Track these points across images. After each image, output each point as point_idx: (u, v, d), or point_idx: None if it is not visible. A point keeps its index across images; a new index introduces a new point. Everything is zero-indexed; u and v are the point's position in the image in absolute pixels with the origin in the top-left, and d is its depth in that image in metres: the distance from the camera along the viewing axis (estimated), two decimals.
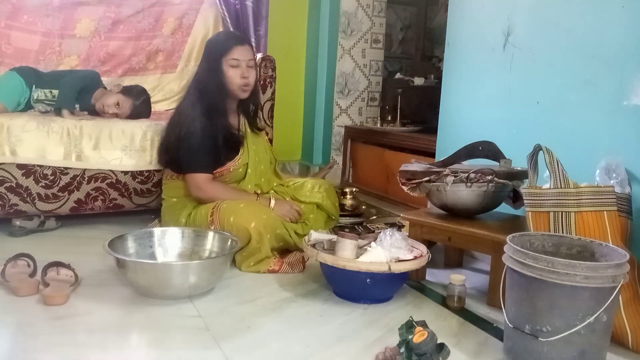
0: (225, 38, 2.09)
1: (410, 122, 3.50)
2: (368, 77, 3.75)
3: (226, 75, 1.99)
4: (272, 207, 2.00)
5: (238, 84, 2.00)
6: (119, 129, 2.22)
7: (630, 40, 1.56)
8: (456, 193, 1.73)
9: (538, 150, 1.48)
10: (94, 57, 2.78)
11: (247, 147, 2.10)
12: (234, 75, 1.99)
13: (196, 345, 1.31)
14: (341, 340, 1.37)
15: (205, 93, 2.01)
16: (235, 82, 2.00)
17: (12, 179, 2.09)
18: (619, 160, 1.52)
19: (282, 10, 3.55)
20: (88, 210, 2.25)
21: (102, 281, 1.68)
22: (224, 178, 2.05)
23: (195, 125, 1.95)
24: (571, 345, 1.18)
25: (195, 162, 1.99)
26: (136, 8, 2.84)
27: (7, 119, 2.07)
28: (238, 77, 2.00)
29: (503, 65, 2.01)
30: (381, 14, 3.72)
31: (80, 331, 1.34)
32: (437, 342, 1.18)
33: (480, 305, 1.64)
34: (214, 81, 2.00)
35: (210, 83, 2.00)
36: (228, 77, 1.99)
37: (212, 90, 2.00)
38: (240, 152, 2.07)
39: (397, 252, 1.61)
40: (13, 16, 2.62)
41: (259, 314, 1.51)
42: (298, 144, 4.00)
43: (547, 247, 1.36)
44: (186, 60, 2.96)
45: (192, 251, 1.80)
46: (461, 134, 2.17)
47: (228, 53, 1.99)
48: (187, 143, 1.97)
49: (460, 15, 2.25)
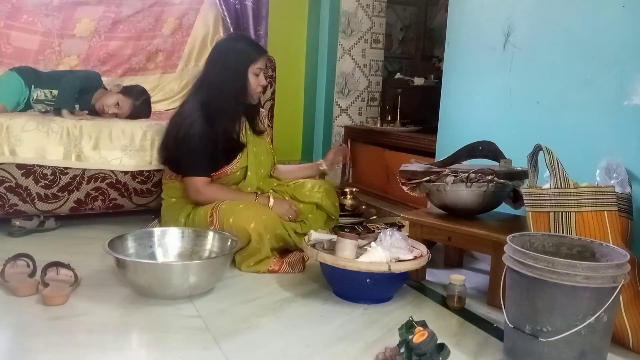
0: (251, 47, 2.07)
1: (410, 122, 3.50)
2: (368, 77, 3.75)
3: (250, 83, 2.03)
4: (271, 205, 2.00)
5: (258, 92, 2.08)
6: (119, 129, 2.22)
7: (630, 40, 1.56)
8: (456, 193, 1.73)
9: (538, 150, 1.48)
10: (93, 57, 2.77)
11: (247, 150, 2.10)
12: (255, 84, 2.04)
13: (196, 345, 1.30)
14: (341, 340, 1.37)
15: (222, 98, 1.99)
16: (256, 90, 2.07)
17: (11, 179, 2.09)
18: (619, 160, 1.52)
19: (282, 10, 3.55)
20: (88, 210, 2.25)
21: (102, 281, 1.68)
22: (222, 180, 2.05)
23: (200, 128, 1.94)
24: (572, 345, 1.18)
25: (194, 166, 1.99)
26: (136, 8, 2.84)
27: (7, 119, 2.07)
28: (258, 85, 2.06)
29: (503, 65, 2.01)
30: (381, 14, 3.71)
31: (80, 331, 1.34)
32: (437, 342, 1.18)
33: (480, 305, 1.64)
34: (237, 88, 2.01)
35: (232, 89, 2.00)
36: (251, 85, 2.03)
37: (232, 96, 2.01)
38: (238, 156, 2.07)
39: (397, 252, 1.61)
40: (13, 16, 2.61)
41: (259, 314, 1.51)
42: (298, 144, 4.00)
43: (548, 247, 1.36)
44: (186, 60, 2.96)
45: (192, 251, 1.80)
46: (461, 134, 2.17)
47: (255, 62, 2.02)
48: (189, 145, 1.96)
49: (460, 15, 2.25)
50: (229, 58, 2.02)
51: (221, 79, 2.00)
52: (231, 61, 2.01)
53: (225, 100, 1.99)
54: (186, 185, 2.00)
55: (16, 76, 2.31)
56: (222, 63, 2.02)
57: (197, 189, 1.97)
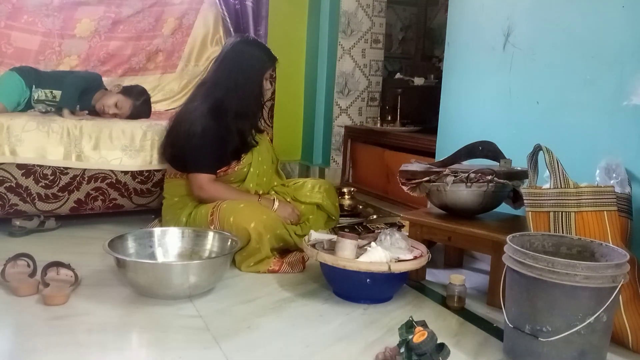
0: (266, 54, 2.14)
1: (410, 122, 3.50)
2: (368, 77, 3.75)
3: (264, 88, 2.15)
4: (275, 208, 2.02)
5: (268, 96, 2.27)
6: (119, 129, 2.22)
7: (630, 40, 1.56)
8: (456, 193, 1.73)
9: (538, 150, 1.48)
10: (94, 57, 2.77)
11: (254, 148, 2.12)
12: (267, 88, 2.20)
13: (196, 345, 1.31)
14: (341, 340, 1.37)
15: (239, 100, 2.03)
16: (267, 95, 2.25)
17: (12, 179, 2.09)
18: (619, 160, 1.52)
19: (282, 10, 3.55)
20: (88, 210, 2.25)
21: (102, 281, 1.68)
22: (228, 177, 2.06)
23: (212, 126, 1.97)
24: (571, 345, 1.18)
25: (200, 162, 2.01)
26: (136, 8, 2.84)
27: (7, 119, 2.07)
28: (268, 90, 2.24)
29: (503, 65, 2.01)
30: (381, 14, 3.71)
31: (80, 331, 1.34)
32: (437, 342, 1.18)
33: (480, 305, 1.64)
34: (254, 92, 2.09)
35: (249, 93, 2.07)
36: (264, 90, 2.16)
37: (250, 99, 2.08)
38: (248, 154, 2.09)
39: (397, 252, 1.61)
40: (13, 16, 2.61)
41: (259, 314, 1.51)
42: (298, 144, 4.00)
43: (547, 247, 1.36)
44: (186, 60, 2.96)
45: (192, 251, 1.80)
46: (461, 134, 2.17)
47: (269, 69, 2.15)
48: (198, 142, 1.98)
49: (460, 15, 2.25)
50: (247, 63, 2.08)
51: (238, 83, 2.04)
52: (248, 66, 2.08)
53: (242, 102, 2.04)
54: (191, 181, 2.02)
55: (17, 76, 2.31)
56: (238, 67, 2.06)
57: (201, 185, 1.99)
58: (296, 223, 2.08)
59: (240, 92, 2.04)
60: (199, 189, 1.99)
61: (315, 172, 3.79)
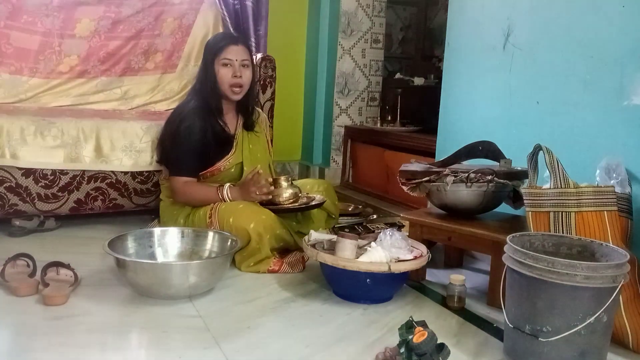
0: (219, 38, 2.11)
1: (410, 122, 3.50)
2: (368, 77, 3.75)
3: (218, 74, 2.01)
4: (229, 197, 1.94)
5: (228, 84, 2.01)
6: (119, 129, 2.22)
7: (630, 40, 1.56)
8: (456, 193, 1.73)
9: (538, 150, 1.48)
10: (93, 57, 2.77)
11: (242, 147, 2.10)
12: (224, 75, 2.01)
13: (196, 345, 1.30)
14: (341, 340, 1.37)
15: (199, 93, 2.04)
16: (226, 82, 2.01)
17: (11, 179, 2.09)
18: (619, 160, 1.52)
19: (282, 10, 3.55)
20: (88, 210, 2.25)
21: (102, 281, 1.68)
22: (217, 178, 2.05)
23: (182, 127, 1.97)
24: (571, 345, 1.18)
25: (174, 165, 2.02)
26: (136, 8, 2.84)
27: (7, 122, 2.07)
28: (229, 77, 2.01)
29: (503, 65, 2.00)
30: (381, 14, 3.71)
31: (80, 331, 1.34)
32: (437, 342, 1.18)
33: (480, 305, 1.64)
34: (208, 81, 2.03)
35: (205, 83, 2.03)
36: (220, 76, 2.01)
37: (206, 90, 2.03)
38: (231, 152, 2.07)
39: (397, 252, 1.61)
40: (13, 16, 2.61)
41: (259, 314, 1.51)
42: (298, 144, 4.00)
43: (547, 247, 1.36)
44: (186, 60, 2.96)
45: (192, 251, 1.80)
46: (461, 134, 2.17)
47: (221, 53, 2.01)
48: (171, 145, 2.00)
49: (460, 15, 2.25)
50: (204, 52, 2.08)
51: (198, 77, 2.07)
52: (205, 55, 2.07)
53: (203, 95, 2.03)
54: (171, 185, 2.03)
55: None
56: (202, 59, 2.09)
57: (175, 188, 2.00)
58: (267, 193, 1.95)
59: (200, 85, 2.04)
60: (174, 193, 2.01)
61: (315, 172, 3.79)
